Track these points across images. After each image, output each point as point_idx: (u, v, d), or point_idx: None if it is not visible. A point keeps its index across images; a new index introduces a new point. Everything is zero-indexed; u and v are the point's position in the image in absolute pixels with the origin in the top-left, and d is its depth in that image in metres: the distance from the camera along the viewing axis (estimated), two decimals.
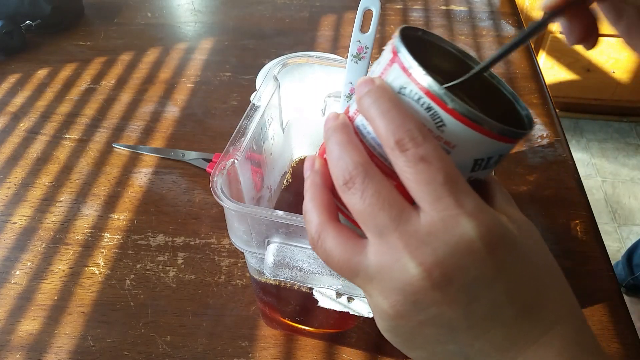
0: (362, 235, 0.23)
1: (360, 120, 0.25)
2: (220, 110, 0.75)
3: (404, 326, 0.23)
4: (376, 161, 0.24)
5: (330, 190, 0.25)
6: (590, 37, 0.35)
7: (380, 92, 0.23)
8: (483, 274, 0.21)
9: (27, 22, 0.88)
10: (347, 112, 0.26)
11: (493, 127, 0.22)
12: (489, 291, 0.21)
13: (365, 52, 0.40)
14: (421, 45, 0.26)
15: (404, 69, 0.23)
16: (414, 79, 0.22)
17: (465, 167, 0.23)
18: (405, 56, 0.23)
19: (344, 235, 0.24)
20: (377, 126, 0.23)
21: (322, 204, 0.25)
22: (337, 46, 0.87)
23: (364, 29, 0.38)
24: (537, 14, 1.69)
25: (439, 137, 0.22)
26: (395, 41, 0.23)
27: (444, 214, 0.21)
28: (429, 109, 0.22)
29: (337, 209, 0.25)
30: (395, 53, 0.23)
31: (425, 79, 0.22)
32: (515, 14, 0.96)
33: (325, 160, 0.25)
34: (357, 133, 0.25)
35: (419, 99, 0.22)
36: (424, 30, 0.26)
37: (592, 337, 0.24)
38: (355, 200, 0.22)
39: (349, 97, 0.40)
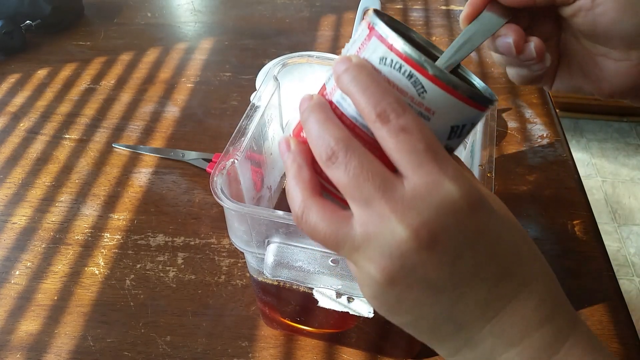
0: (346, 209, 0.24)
1: (338, 96, 0.25)
2: (220, 110, 0.75)
3: (391, 291, 0.23)
4: (358, 132, 0.25)
5: (311, 168, 0.26)
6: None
7: (358, 68, 0.24)
8: (466, 234, 0.22)
9: (27, 22, 0.88)
10: (322, 91, 0.27)
11: (469, 93, 0.23)
12: (472, 250, 0.23)
13: None
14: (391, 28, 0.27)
15: (383, 40, 0.24)
16: (395, 49, 0.23)
17: (443, 134, 0.25)
18: (383, 28, 0.24)
19: (328, 209, 0.24)
20: (358, 101, 0.23)
21: (304, 181, 0.25)
22: (337, 46, 0.87)
23: None
24: None
25: (420, 103, 0.23)
26: (370, 18, 0.25)
27: (427, 178, 0.22)
28: (410, 76, 0.23)
29: (320, 187, 0.26)
30: (371, 28, 0.24)
31: (405, 48, 0.23)
32: None
33: (302, 139, 0.26)
34: (336, 109, 0.25)
35: (400, 67, 0.23)
36: (391, 17, 0.28)
37: (563, 293, 0.25)
38: (339, 173, 0.23)
39: None
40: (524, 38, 0.33)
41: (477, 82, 0.28)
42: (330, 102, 0.26)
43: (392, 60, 0.23)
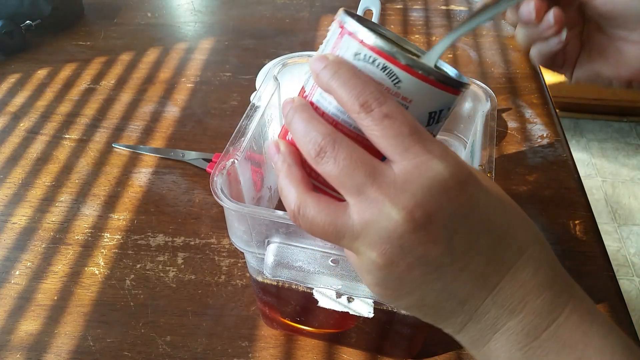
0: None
1: (319, 95, 0.26)
2: (220, 110, 0.75)
3: (393, 273, 0.24)
4: (340, 129, 0.25)
5: (302, 167, 0.26)
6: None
7: (336, 64, 0.24)
8: (459, 209, 0.23)
9: (27, 22, 0.88)
10: (301, 93, 0.28)
11: (442, 78, 0.24)
12: (466, 224, 0.23)
13: None
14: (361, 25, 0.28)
15: (354, 37, 0.24)
16: (366, 43, 0.24)
17: (422, 121, 0.25)
18: (353, 25, 0.25)
19: (324, 201, 0.25)
20: (340, 96, 0.24)
21: (296, 179, 0.26)
22: None
23: None
24: None
25: (396, 93, 0.24)
26: (341, 17, 0.25)
27: (416, 160, 0.23)
28: (384, 68, 0.24)
29: (312, 185, 0.26)
30: (342, 26, 0.25)
31: (377, 41, 0.24)
32: None
33: (289, 141, 0.27)
34: (317, 109, 0.26)
35: (373, 60, 0.24)
36: (361, 16, 0.28)
37: (557, 260, 0.26)
38: (329, 167, 0.24)
39: None
40: (545, 6, 0.35)
41: (449, 69, 0.29)
42: (311, 103, 0.26)
43: (365, 55, 0.24)
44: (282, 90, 0.45)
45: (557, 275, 0.25)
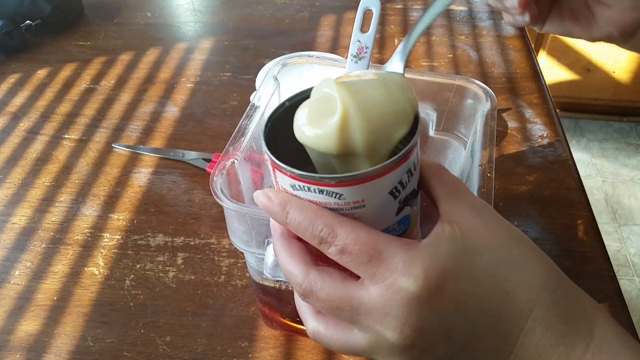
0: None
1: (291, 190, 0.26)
2: (220, 110, 0.74)
3: None
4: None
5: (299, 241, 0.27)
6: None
7: (282, 204, 0.26)
8: (444, 312, 0.24)
9: (27, 22, 0.87)
10: (277, 186, 0.28)
11: (375, 172, 0.24)
12: (458, 319, 0.24)
13: (365, 52, 0.40)
14: (290, 114, 0.28)
15: (283, 172, 0.25)
16: (296, 177, 0.25)
17: (389, 204, 0.25)
18: (278, 163, 0.25)
19: (332, 324, 0.27)
20: (299, 234, 0.26)
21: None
22: (337, 46, 0.87)
23: (364, 28, 0.38)
24: None
25: (346, 203, 0.25)
26: (265, 153, 0.26)
27: (385, 283, 0.24)
28: (321, 191, 0.24)
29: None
30: (272, 163, 0.25)
31: (301, 174, 0.24)
32: None
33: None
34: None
35: (308, 188, 0.25)
36: (285, 101, 0.29)
37: (569, 290, 0.26)
38: (317, 304, 0.26)
39: None
40: None
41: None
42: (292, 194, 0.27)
43: (300, 185, 0.25)
44: (282, 90, 0.45)
45: (570, 322, 0.25)
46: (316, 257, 0.27)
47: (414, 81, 0.44)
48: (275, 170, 0.26)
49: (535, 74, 0.81)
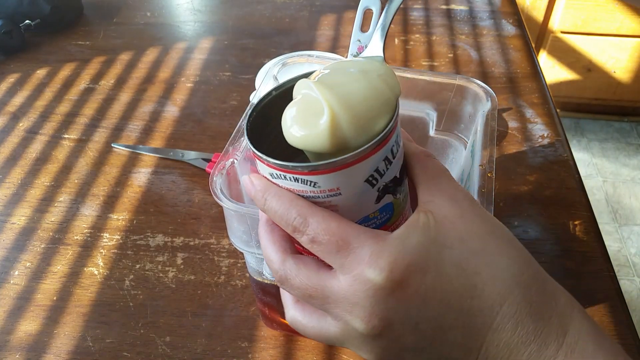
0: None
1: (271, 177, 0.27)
2: (219, 110, 0.74)
3: None
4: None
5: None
6: None
7: (261, 191, 0.26)
8: (409, 304, 0.24)
9: (26, 21, 0.87)
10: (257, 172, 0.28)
11: (349, 159, 0.24)
12: (425, 311, 0.24)
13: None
14: (277, 101, 0.29)
15: (262, 161, 0.25)
16: (272, 165, 0.25)
17: (366, 192, 0.25)
18: (256, 152, 0.25)
19: (308, 311, 0.28)
20: (276, 221, 0.26)
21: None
22: (337, 45, 0.87)
23: (364, 28, 0.38)
24: (538, 13, 1.69)
25: (322, 191, 0.25)
26: (246, 142, 0.26)
27: (352, 274, 0.24)
28: (296, 179, 0.25)
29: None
30: (252, 153, 0.26)
31: (276, 163, 0.25)
32: (516, 13, 0.96)
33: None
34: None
35: (285, 176, 0.25)
36: (271, 91, 0.29)
37: (545, 288, 0.25)
38: (288, 291, 0.27)
39: None
40: None
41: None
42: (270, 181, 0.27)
43: (277, 174, 0.25)
44: None
45: (543, 320, 0.24)
46: (297, 245, 0.27)
47: (414, 81, 0.44)
48: (256, 159, 0.26)
49: (536, 73, 0.81)
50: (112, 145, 0.69)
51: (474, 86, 0.43)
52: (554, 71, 1.76)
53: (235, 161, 0.37)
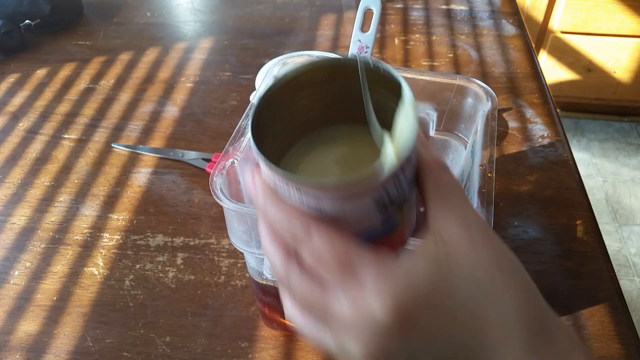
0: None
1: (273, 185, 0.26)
2: (219, 110, 0.74)
3: None
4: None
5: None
6: None
7: (262, 198, 0.25)
8: (411, 344, 0.23)
9: (26, 21, 0.87)
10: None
11: (355, 182, 0.23)
12: (427, 350, 0.23)
13: (366, 52, 0.40)
14: (284, 94, 0.28)
15: (266, 165, 0.25)
16: (278, 176, 0.24)
17: (372, 208, 0.24)
18: (264, 161, 0.25)
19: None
20: (276, 228, 0.25)
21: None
22: (337, 46, 0.87)
23: (364, 28, 0.38)
24: (538, 13, 1.69)
25: (326, 205, 0.24)
26: (253, 150, 0.25)
27: (354, 299, 0.23)
28: (298, 190, 0.24)
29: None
30: (260, 161, 0.25)
31: (283, 174, 0.24)
32: (516, 14, 0.96)
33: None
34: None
35: (287, 185, 0.24)
36: (274, 84, 0.28)
37: (542, 318, 0.25)
38: (288, 292, 0.26)
39: None
40: None
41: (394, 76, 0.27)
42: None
43: (282, 184, 0.24)
44: None
45: (542, 348, 0.24)
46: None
47: (414, 81, 0.44)
48: (260, 163, 0.26)
49: (536, 73, 0.81)
50: (112, 145, 0.69)
51: (474, 86, 0.43)
52: (554, 71, 1.76)
53: (235, 161, 0.37)
